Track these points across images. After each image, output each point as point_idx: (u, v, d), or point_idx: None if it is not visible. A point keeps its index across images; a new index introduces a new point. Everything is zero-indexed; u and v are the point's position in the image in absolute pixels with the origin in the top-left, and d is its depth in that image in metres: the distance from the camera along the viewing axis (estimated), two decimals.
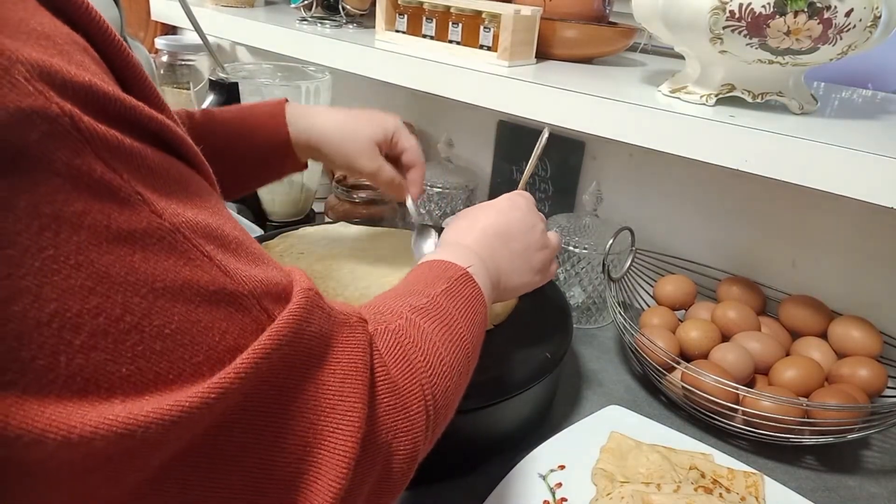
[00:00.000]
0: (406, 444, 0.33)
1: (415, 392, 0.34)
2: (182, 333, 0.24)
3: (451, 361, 0.38)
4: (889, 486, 0.62)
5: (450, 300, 0.42)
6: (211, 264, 0.25)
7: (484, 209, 0.55)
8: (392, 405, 0.33)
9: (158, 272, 0.23)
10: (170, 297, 0.24)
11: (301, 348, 0.28)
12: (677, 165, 0.85)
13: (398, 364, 0.34)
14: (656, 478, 0.56)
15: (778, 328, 0.74)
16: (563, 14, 0.81)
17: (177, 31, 1.50)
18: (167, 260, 0.24)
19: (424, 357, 0.36)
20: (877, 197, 0.52)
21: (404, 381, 0.34)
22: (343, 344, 0.31)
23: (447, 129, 1.04)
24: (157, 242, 0.24)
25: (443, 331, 0.39)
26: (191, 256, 0.25)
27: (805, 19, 0.54)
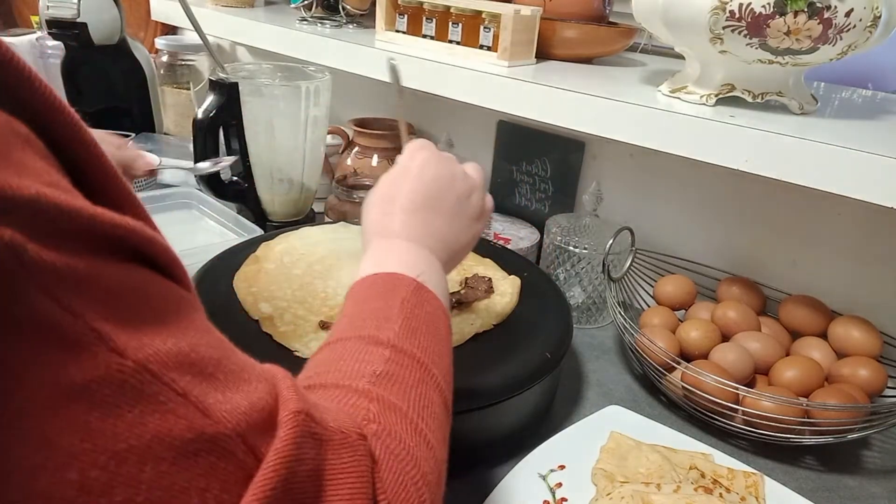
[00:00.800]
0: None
1: (411, 496, 0.31)
2: (160, 491, 0.20)
3: (433, 426, 0.36)
4: (889, 486, 0.62)
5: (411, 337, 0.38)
6: (186, 404, 0.22)
7: (395, 183, 0.48)
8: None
9: (120, 430, 0.20)
10: (136, 461, 0.20)
11: (296, 491, 0.24)
12: (677, 165, 0.85)
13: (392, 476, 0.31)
14: (656, 478, 0.56)
15: (778, 328, 0.74)
16: (563, 14, 0.81)
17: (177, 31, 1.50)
18: (131, 411, 0.20)
19: (410, 441, 0.33)
20: (877, 197, 0.52)
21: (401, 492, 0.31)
22: (344, 474, 0.27)
23: (447, 129, 1.04)
24: (119, 390, 0.20)
25: (415, 387, 0.35)
26: (160, 399, 0.21)
27: (805, 19, 0.54)
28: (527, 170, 1.00)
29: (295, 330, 0.61)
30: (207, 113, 0.89)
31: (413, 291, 0.40)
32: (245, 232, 0.91)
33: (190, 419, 0.21)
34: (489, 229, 0.94)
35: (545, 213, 0.98)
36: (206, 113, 0.89)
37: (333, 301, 0.65)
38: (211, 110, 0.89)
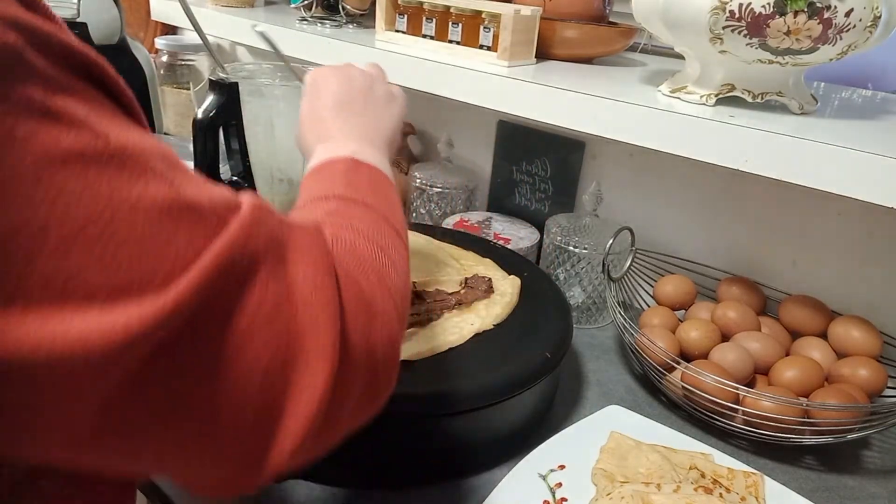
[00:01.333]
0: (383, 333, 0.34)
1: (377, 291, 0.34)
2: (148, 242, 0.24)
3: (392, 241, 0.40)
4: (889, 486, 0.62)
5: (356, 190, 0.42)
6: (163, 180, 0.26)
7: (311, 104, 0.54)
8: (362, 310, 0.32)
9: (115, 187, 0.24)
10: (129, 210, 0.24)
11: (260, 244, 0.28)
12: (677, 165, 0.85)
13: (356, 268, 0.34)
14: (656, 478, 0.56)
15: (778, 328, 0.74)
16: (563, 14, 0.81)
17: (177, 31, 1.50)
18: (120, 177, 0.24)
19: (371, 250, 0.37)
20: (877, 197, 0.52)
21: (366, 280, 0.34)
22: (303, 244, 0.31)
23: (447, 129, 1.04)
24: (108, 161, 0.24)
25: (370, 219, 0.40)
26: (141, 173, 0.25)
27: (805, 19, 0.54)
28: (527, 170, 1.00)
29: None
30: (207, 113, 0.89)
31: (349, 164, 0.45)
32: None
33: (167, 190, 0.26)
34: (489, 229, 0.94)
35: (545, 213, 0.98)
36: (206, 113, 0.89)
37: None
38: (211, 110, 0.89)
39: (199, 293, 0.25)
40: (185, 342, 0.25)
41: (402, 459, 0.57)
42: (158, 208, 0.25)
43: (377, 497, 0.56)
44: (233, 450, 0.28)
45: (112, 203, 0.24)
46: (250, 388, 0.27)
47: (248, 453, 0.28)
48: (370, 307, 0.33)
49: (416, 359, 0.59)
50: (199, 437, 0.27)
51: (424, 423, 0.55)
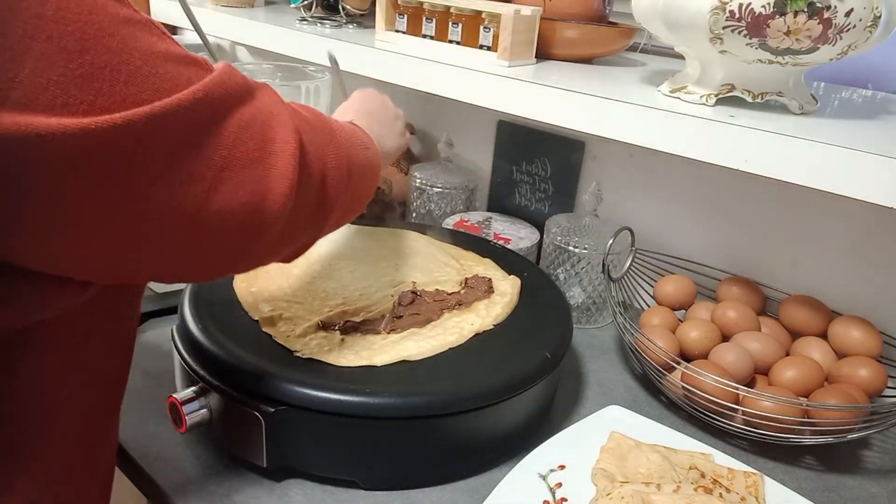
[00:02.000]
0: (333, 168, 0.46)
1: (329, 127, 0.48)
2: (162, 67, 0.34)
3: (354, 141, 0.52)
4: (889, 486, 0.62)
5: (334, 122, 0.52)
6: (175, 43, 0.36)
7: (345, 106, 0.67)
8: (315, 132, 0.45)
9: (148, 41, 0.34)
10: (150, 53, 0.34)
11: (237, 80, 0.39)
12: (677, 165, 0.85)
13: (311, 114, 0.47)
14: (656, 478, 0.56)
15: (778, 328, 0.74)
16: (563, 14, 0.81)
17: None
18: (151, 35, 0.35)
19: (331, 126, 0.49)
20: (877, 197, 0.52)
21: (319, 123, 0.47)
22: (263, 85, 0.42)
23: (447, 129, 1.04)
24: (141, 25, 0.34)
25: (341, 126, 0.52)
26: (160, 35, 0.36)
27: (805, 19, 0.53)
28: (527, 170, 1.00)
29: (295, 330, 0.61)
30: None
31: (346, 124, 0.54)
32: None
33: (178, 49, 0.36)
34: (489, 229, 0.94)
35: (545, 213, 0.98)
36: None
37: (333, 301, 0.65)
38: None
39: (207, 93, 0.35)
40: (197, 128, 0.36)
41: (403, 459, 0.57)
42: (169, 56, 0.35)
43: (377, 497, 0.56)
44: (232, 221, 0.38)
45: (144, 47, 0.34)
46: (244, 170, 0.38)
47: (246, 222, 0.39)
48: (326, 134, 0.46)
49: (417, 359, 0.59)
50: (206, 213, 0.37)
51: (425, 423, 0.55)
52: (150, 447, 0.59)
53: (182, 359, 0.58)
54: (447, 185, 0.99)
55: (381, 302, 0.66)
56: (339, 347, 0.59)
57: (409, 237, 0.82)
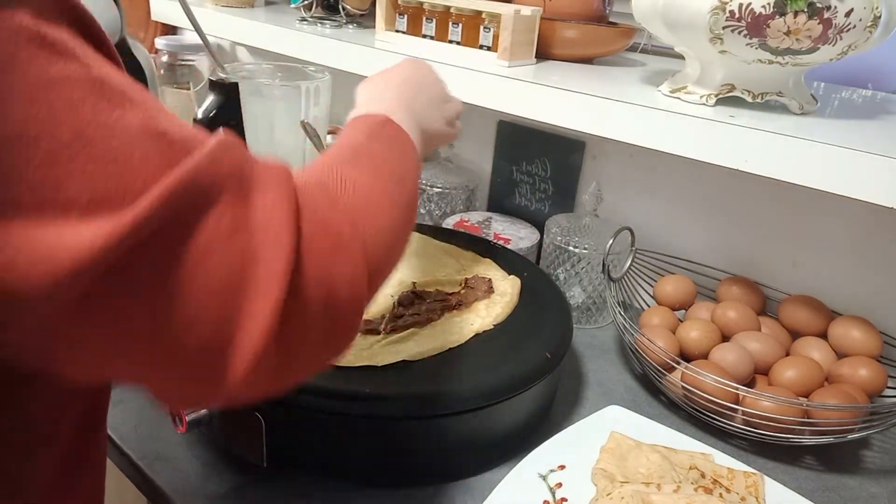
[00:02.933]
0: (346, 272, 0.33)
1: (344, 229, 0.34)
2: (121, 161, 0.26)
3: (383, 195, 0.39)
4: (889, 486, 0.62)
5: (372, 142, 0.44)
6: (140, 109, 0.28)
7: (391, 70, 0.57)
8: (323, 243, 0.32)
9: (97, 110, 0.27)
10: (106, 130, 0.27)
11: (223, 173, 0.29)
12: (677, 165, 0.84)
13: (326, 204, 0.34)
14: (656, 478, 0.56)
15: (778, 328, 0.74)
16: (563, 14, 0.81)
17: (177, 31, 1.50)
18: (100, 101, 0.27)
19: (353, 194, 0.37)
20: (877, 197, 0.52)
21: (335, 217, 0.34)
22: (267, 177, 0.31)
23: None
24: (91, 87, 0.27)
25: (369, 169, 0.40)
26: (120, 101, 0.28)
27: (805, 19, 0.54)
28: (527, 170, 1.00)
29: None
30: (207, 113, 0.89)
31: (381, 120, 0.47)
32: None
33: (141, 117, 0.28)
34: (489, 229, 0.94)
35: (545, 213, 0.98)
36: (206, 113, 0.89)
37: None
38: (211, 110, 0.89)
39: (157, 213, 0.26)
40: (143, 259, 0.26)
41: (403, 459, 0.57)
42: (133, 132, 0.27)
43: (377, 497, 0.56)
44: (188, 367, 0.29)
45: (93, 123, 0.26)
46: (204, 308, 0.28)
47: (203, 372, 0.29)
48: (335, 242, 0.33)
49: (417, 359, 0.59)
50: (153, 352, 0.28)
51: (425, 422, 0.55)
52: (150, 447, 0.59)
53: None
54: (447, 185, 0.99)
55: (380, 302, 0.66)
56: None
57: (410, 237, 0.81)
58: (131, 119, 0.28)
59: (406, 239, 0.43)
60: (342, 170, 0.39)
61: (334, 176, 0.38)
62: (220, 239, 0.28)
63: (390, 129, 0.46)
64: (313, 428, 0.54)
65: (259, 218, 0.30)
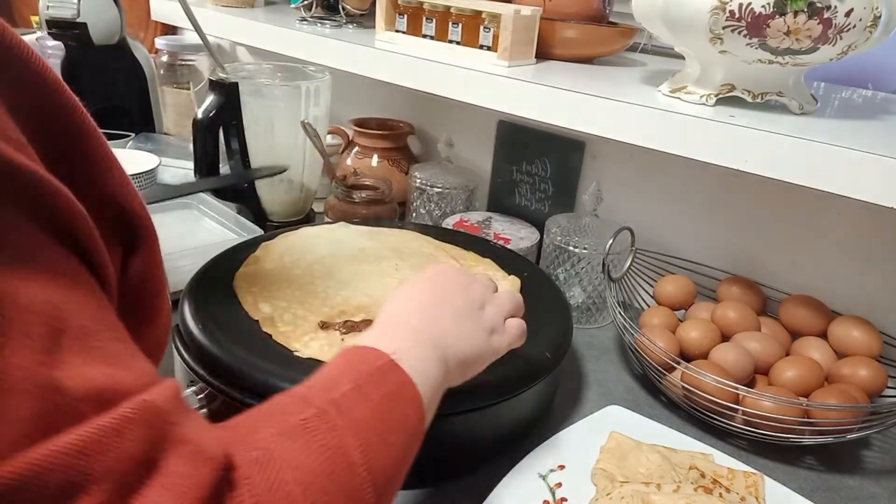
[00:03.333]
0: None
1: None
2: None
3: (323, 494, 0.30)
4: (889, 486, 0.62)
5: (353, 406, 0.34)
6: (36, 350, 0.23)
7: (411, 284, 0.49)
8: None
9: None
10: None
11: (105, 463, 0.23)
12: (677, 165, 0.84)
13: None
14: (656, 478, 0.56)
15: (778, 328, 0.74)
16: (563, 14, 0.81)
17: (177, 31, 1.50)
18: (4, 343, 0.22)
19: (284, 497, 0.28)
20: (877, 197, 0.52)
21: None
22: (170, 479, 0.25)
23: (447, 129, 1.04)
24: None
25: (319, 466, 0.31)
26: (9, 335, 0.23)
27: (805, 19, 0.54)
28: (527, 170, 1.00)
29: (295, 330, 0.61)
30: (207, 113, 0.89)
31: (379, 367, 0.38)
32: (245, 232, 0.91)
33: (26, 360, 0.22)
34: (489, 229, 0.94)
35: (545, 213, 0.98)
36: (206, 113, 0.89)
37: (333, 301, 0.65)
38: (211, 110, 0.89)
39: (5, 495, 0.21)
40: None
41: None
42: (7, 378, 0.22)
43: None
44: None
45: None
46: None
47: None
48: None
49: None
50: None
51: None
52: None
53: (182, 358, 0.58)
54: (447, 185, 0.99)
55: (381, 302, 0.66)
56: (339, 347, 0.59)
57: (409, 237, 0.81)
58: (12, 361, 0.22)
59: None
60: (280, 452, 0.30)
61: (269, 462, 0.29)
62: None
63: (389, 380, 0.38)
64: None
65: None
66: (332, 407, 0.33)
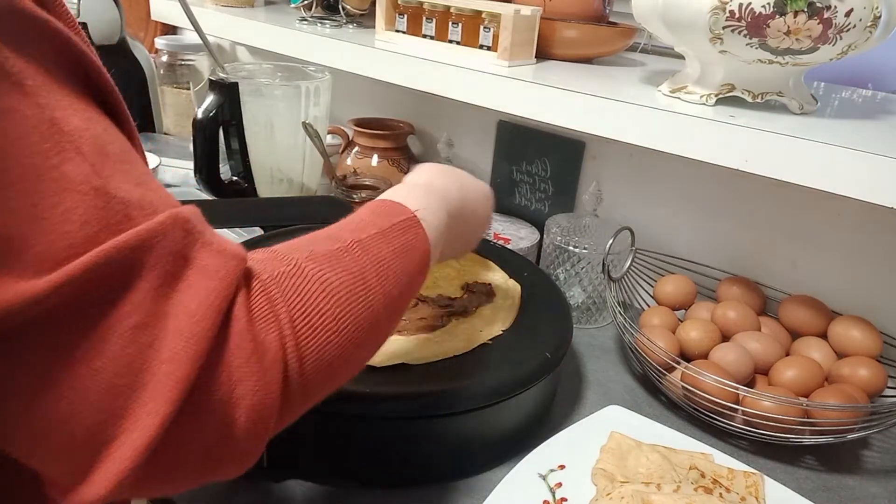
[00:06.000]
0: (250, 396, 0.30)
1: (272, 345, 0.31)
2: (46, 213, 0.25)
3: (349, 312, 0.35)
4: (889, 486, 0.62)
5: (376, 246, 0.39)
6: (86, 163, 0.26)
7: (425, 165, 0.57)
8: (240, 359, 0.30)
9: (33, 152, 0.25)
10: (35, 177, 0.25)
11: (157, 255, 0.27)
12: (677, 165, 0.85)
13: (265, 311, 0.31)
14: (656, 478, 0.56)
15: (778, 328, 0.74)
16: (563, 14, 0.81)
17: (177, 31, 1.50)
18: (41, 145, 0.25)
19: (308, 302, 0.33)
20: (877, 197, 0.52)
21: (269, 330, 0.31)
22: (209, 264, 0.29)
23: (447, 129, 1.04)
24: (35, 128, 0.25)
25: (341, 282, 0.35)
26: (63, 150, 0.26)
27: (805, 19, 0.54)
28: (527, 170, 1.00)
29: None
30: (207, 113, 0.89)
31: (403, 221, 0.42)
32: (245, 232, 0.91)
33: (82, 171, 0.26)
34: (489, 230, 0.94)
35: (545, 213, 0.98)
36: (206, 113, 0.89)
37: None
38: (211, 110, 0.89)
39: (69, 288, 0.25)
40: (37, 335, 0.25)
41: (403, 459, 0.57)
42: (65, 185, 0.25)
43: (377, 497, 0.56)
44: (61, 454, 0.27)
45: (25, 166, 0.25)
46: (86, 403, 0.26)
47: (76, 463, 0.27)
48: (255, 360, 0.30)
49: (419, 362, 0.59)
50: (30, 429, 0.26)
51: (424, 423, 0.55)
52: None
53: None
54: None
55: None
56: None
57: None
58: (70, 170, 0.26)
59: (361, 362, 0.38)
60: (310, 268, 0.34)
61: (297, 273, 0.33)
62: (123, 333, 0.26)
63: (408, 235, 0.42)
64: (314, 428, 0.54)
65: (177, 312, 0.27)
66: (357, 245, 0.38)
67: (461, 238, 0.54)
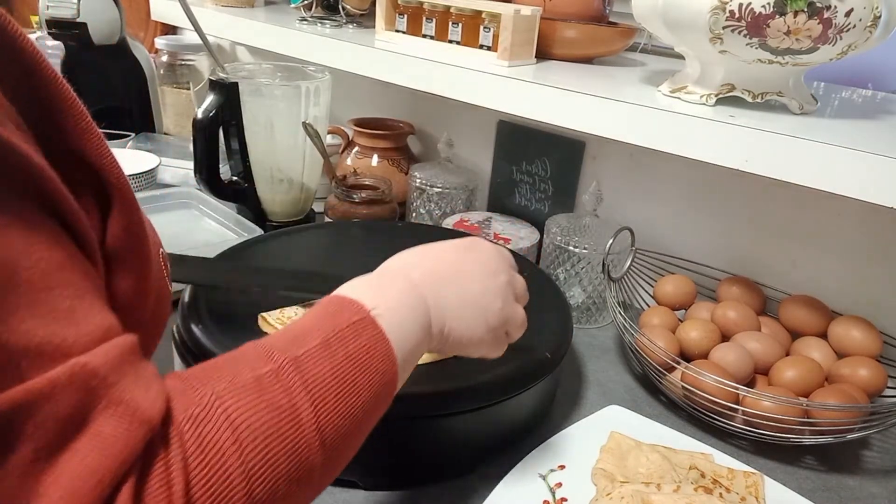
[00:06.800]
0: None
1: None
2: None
3: (252, 475, 0.28)
4: (889, 486, 0.62)
5: (314, 364, 0.33)
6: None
7: (441, 243, 0.47)
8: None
9: None
10: None
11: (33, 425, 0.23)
12: (677, 165, 0.85)
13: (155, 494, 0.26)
14: (656, 478, 0.56)
15: (778, 328, 0.74)
16: (563, 14, 0.82)
17: (177, 31, 1.50)
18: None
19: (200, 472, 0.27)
20: (877, 197, 0.52)
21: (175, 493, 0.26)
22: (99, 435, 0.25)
23: (447, 129, 1.04)
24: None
25: (260, 424, 0.29)
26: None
27: (805, 19, 0.54)
28: (527, 170, 1.00)
29: None
30: (207, 113, 0.89)
31: (355, 323, 0.36)
32: (245, 232, 0.91)
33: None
34: (489, 229, 0.94)
35: (545, 213, 0.98)
36: (206, 113, 0.89)
37: None
38: (211, 110, 0.89)
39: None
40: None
41: (403, 459, 0.57)
42: None
43: (377, 497, 0.56)
44: None
45: None
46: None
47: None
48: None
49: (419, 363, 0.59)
50: None
51: (425, 423, 0.55)
52: None
53: (182, 359, 0.58)
54: (447, 185, 0.99)
55: None
56: None
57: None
58: None
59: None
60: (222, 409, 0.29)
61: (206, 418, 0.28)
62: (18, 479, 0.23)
63: (363, 339, 0.35)
64: None
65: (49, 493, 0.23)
66: (291, 365, 0.32)
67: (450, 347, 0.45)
